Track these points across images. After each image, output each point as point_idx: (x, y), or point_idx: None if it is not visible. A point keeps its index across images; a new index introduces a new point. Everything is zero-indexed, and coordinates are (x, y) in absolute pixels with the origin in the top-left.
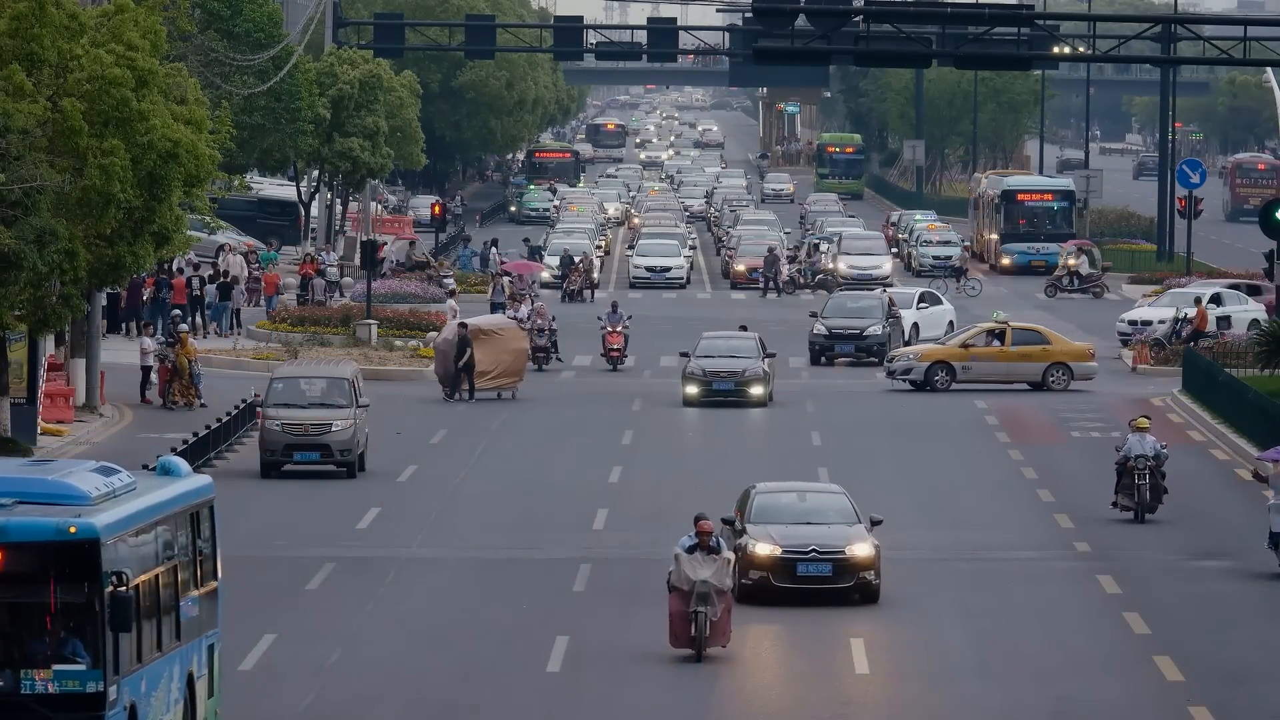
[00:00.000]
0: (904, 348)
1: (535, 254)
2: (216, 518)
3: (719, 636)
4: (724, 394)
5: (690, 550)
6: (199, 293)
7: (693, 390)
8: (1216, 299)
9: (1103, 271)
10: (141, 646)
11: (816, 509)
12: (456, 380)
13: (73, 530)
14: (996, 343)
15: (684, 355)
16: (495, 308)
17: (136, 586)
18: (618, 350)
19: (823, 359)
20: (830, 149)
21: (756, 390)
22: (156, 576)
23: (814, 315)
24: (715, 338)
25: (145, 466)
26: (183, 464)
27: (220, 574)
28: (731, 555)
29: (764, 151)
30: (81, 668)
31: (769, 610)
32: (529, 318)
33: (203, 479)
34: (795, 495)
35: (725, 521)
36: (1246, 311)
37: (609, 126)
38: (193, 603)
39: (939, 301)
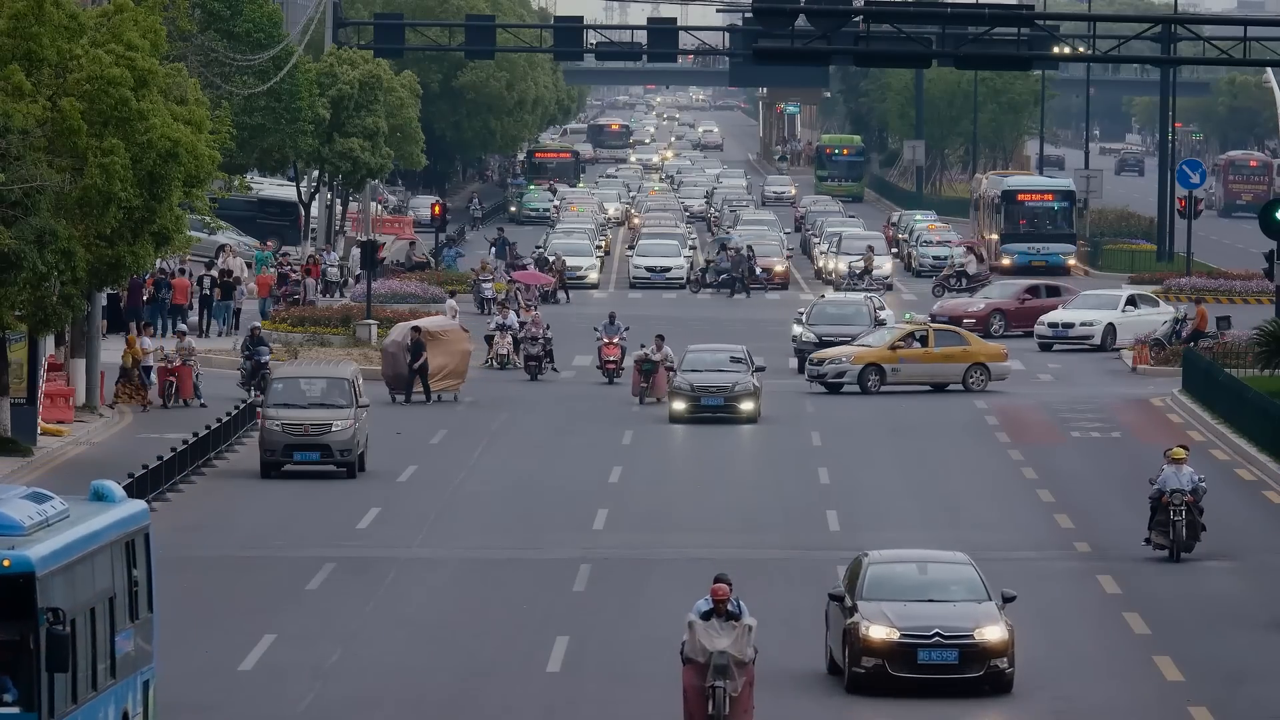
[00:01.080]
0: (829, 349)
1: (505, 246)
2: (151, 545)
3: (740, 714)
4: (713, 410)
5: (705, 616)
6: (209, 292)
7: (680, 406)
8: (1132, 301)
9: (990, 271)
10: (76, 686)
11: (939, 582)
12: (409, 383)
13: (6, 564)
14: (918, 345)
15: (669, 370)
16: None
17: (73, 622)
18: (614, 363)
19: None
20: (829, 150)
21: (747, 406)
22: (92, 610)
23: (798, 320)
24: (702, 350)
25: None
26: (116, 489)
27: (155, 606)
28: (753, 621)
29: (783, 153)
30: (14, 710)
31: (884, 703)
32: (522, 327)
33: (137, 505)
34: (915, 566)
35: (833, 597)
36: (1158, 314)
37: (613, 127)
38: (127, 637)
39: (883, 306)
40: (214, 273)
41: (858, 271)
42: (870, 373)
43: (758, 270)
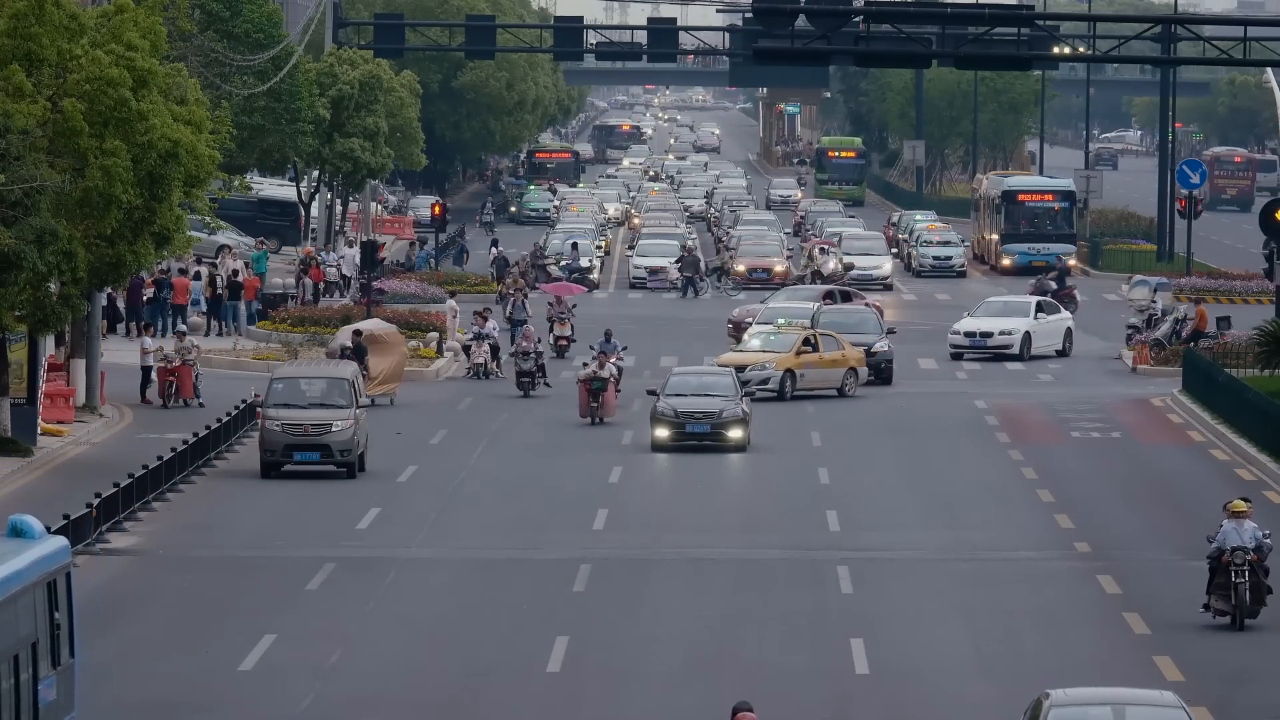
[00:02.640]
0: (741, 354)
1: (462, 253)
2: (73, 585)
3: None
4: (698, 437)
5: None
6: (221, 291)
7: (662, 434)
8: (1040, 308)
9: (846, 271)
10: None
11: None
12: None
13: None
14: (809, 349)
15: (651, 394)
16: (517, 324)
17: None
18: (606, 380)
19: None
20: (830, 153)
21: (735, 434)
22: (15, 658)
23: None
24: (687, 374)
25: None
26: (36, 524)
27: (77, 650)
28: None
29: (803, 158)
30: None
31: None
32: (514, 341)
33: (58, 541)
34: (1109, 710)
35: None
36: (1061, 321)
37: (624, 128)
38: (50, 685)
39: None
40: (222, 273)
41: (714, 266)
42: (787, 378)
43: (702, 267)
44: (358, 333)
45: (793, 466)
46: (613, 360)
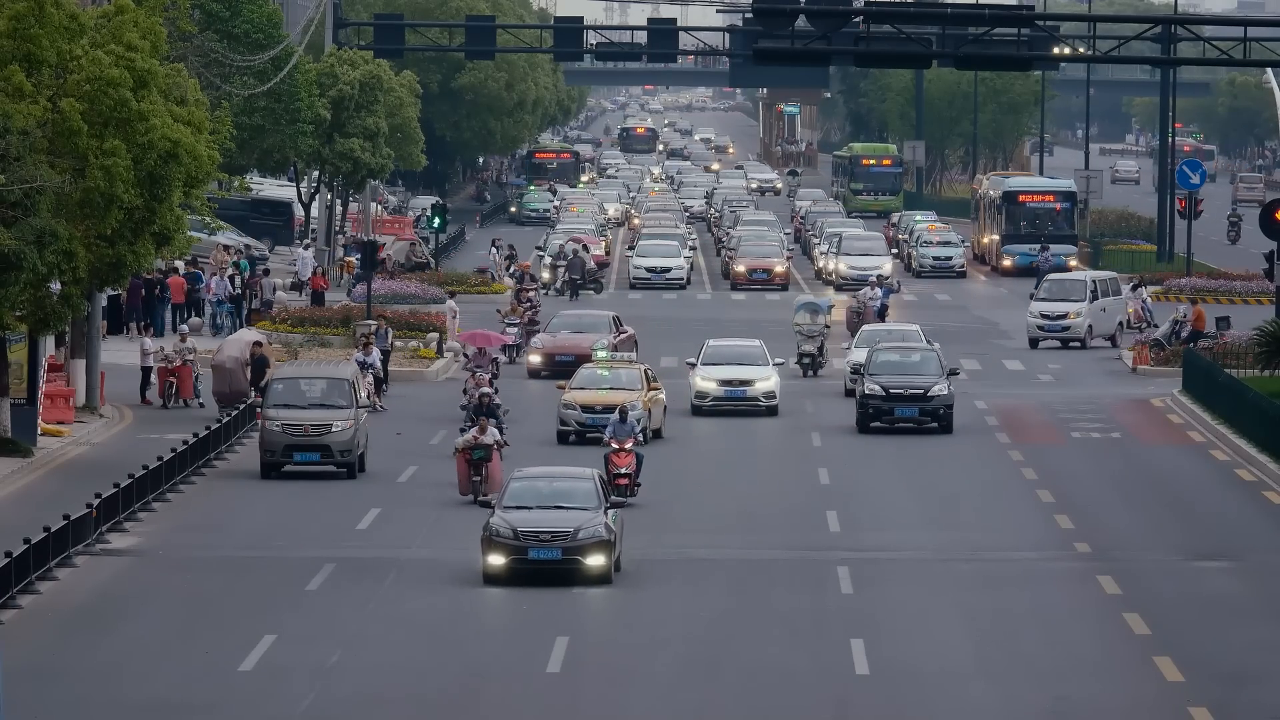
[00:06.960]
0: (597, 393)
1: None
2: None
3: None
4: (545, 566)
5: None
6: (239, 291)
7: (496, 561)
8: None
9: (602, 268)
10: None
11: None
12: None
13: None
14: (652, 386)
15: (483, 504)
16: (365, 367)
17: None
18: (626, 477)
19: (876, 422)
20: (865, 161)
21: (595, 561)
22: None
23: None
24: (535, 476)
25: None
26: None
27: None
28: None
29: (794, 169)
30: None
31: None
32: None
33: None
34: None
35: None
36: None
37: (639, 130)
38: None
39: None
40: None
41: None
42: (647, 419)
43: (590, 265)
44: (259, 344)
45: (793, 466)
46: (628, 444)
